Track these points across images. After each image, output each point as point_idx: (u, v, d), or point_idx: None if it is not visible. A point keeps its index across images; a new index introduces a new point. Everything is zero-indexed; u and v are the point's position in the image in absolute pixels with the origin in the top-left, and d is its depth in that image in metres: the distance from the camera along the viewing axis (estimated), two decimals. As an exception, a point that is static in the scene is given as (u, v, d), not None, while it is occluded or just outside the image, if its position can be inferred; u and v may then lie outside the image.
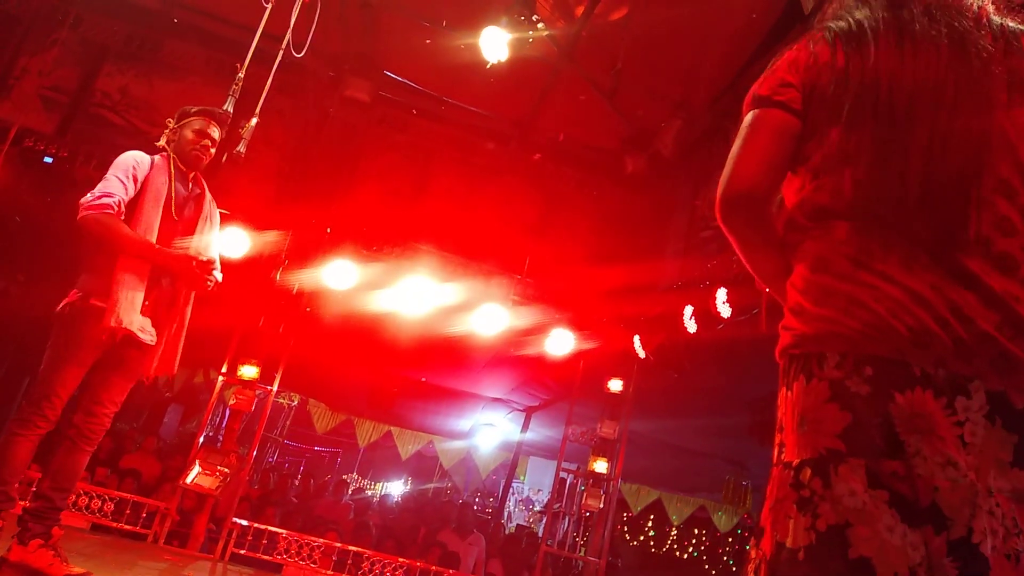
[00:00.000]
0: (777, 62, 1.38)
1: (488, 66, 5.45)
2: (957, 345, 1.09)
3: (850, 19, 1.33)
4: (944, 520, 1.03)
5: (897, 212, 1.17)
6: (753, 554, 1.17)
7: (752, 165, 1.31)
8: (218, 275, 3.18)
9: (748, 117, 1.35)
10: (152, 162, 3.10)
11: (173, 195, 3.09)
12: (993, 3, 1.32)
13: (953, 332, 1.09)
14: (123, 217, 2.97)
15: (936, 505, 1.03)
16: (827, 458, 1.10)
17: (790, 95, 1.31)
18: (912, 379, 1.08)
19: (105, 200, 2.91)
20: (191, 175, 3.22)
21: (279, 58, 3.74)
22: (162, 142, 3.21)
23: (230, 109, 3.31)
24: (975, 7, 1.29)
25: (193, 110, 3.24)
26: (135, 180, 3.01)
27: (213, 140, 3.22)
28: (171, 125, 3.23)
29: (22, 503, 3.03)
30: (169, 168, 3.13)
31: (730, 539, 14.80)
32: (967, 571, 1.01)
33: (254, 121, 3.40)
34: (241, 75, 3.39)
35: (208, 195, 3.29)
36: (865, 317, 1.13)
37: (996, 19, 1.29)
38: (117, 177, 2.98)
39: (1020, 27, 1.29)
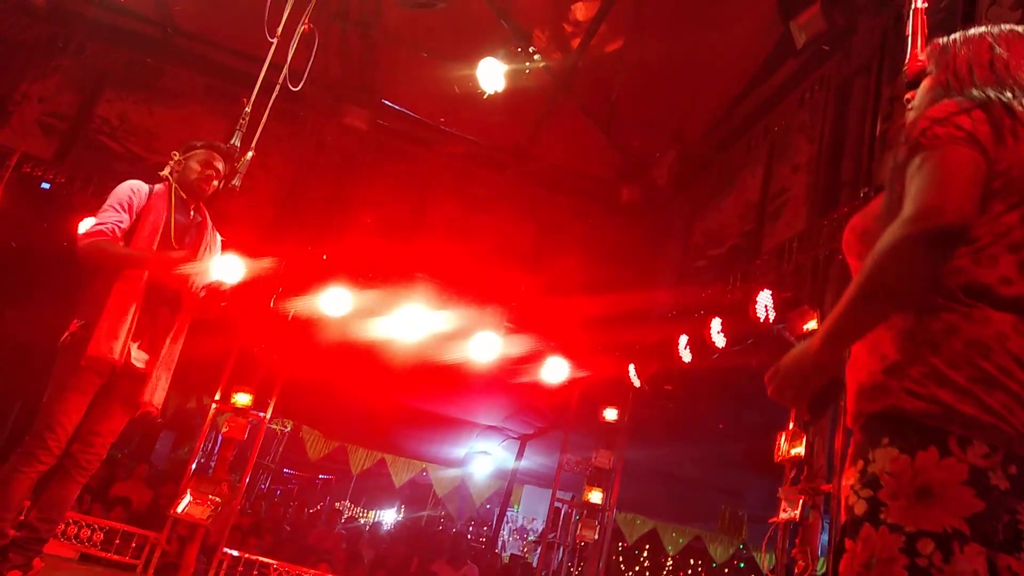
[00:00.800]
0: (963, 108, 1.30)
1: (485, 96, 5.51)
2: None
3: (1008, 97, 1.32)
4: None
5: None
6: None
7: (967, 196, 1.21)
8: (222, 277, 3.20)
9: (941, 151, 1.25)
10: (151, 191, 3.12)
11: (172, 224, 3.10)
12: None
13: None
14: (121, 243, 2.98)
15: None
16: (952, 536, 1.14)
17: (988, 143, 1.27)
18: None
19: (99, 228, 2.93)
20: (192, 204, 3.23)
21: (276, 92, 3.78)
22: (166, 172, 3.23)
23: (237, 143, 3.34)
24: None
25: (199, 144, 3.27)
26: (130, 209, 3.02)
27: (217, 172, 3.24)
28: (176, 157, 3.26)
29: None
30: (169, 197, 3.14)
31: (726, 570, 14.64)
32: None
33: (250, 155, 3.43)
34: (248, 109, 3.42)
35: (210, 224, 3.30)
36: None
37: None
38: (112, 207, 3.01)
39: None
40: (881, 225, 1.27)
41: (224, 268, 3.55)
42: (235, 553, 5.82)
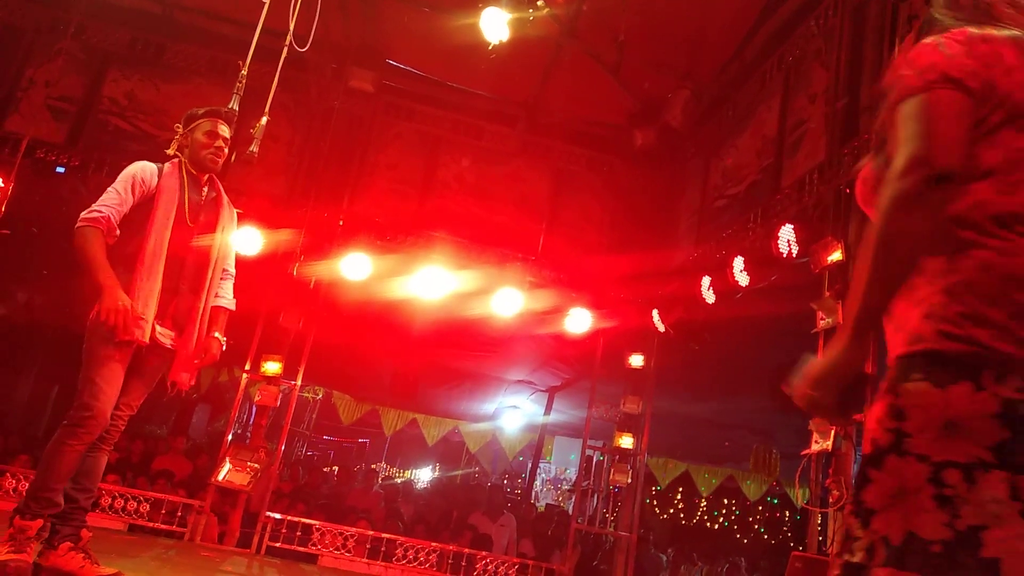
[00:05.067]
0: (944, 46, 1.30)
1: (490, 48, 5.41)
2: None
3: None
4: None
5: None
6: (860, 533, 1.23)
7: (951, 141, 1.23)
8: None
9: (922, 97, 1.27)
10: (160, 171, 3.08)
11: (187, 202, 3.08)
12: None
13: None
14: (119, 231, 2.98)
15: None
16: (977, 465, 1.16)
17: (974, 84, 1.26)
18: None
19: (95, 215, 2.91)
20: (205, 179, 3.20)
21: (284, 54, 3.73)
22: (173, 149, 3.18)
23: (235, 107, 3.29)
24: None
25: (200, 112, 3.22)
26: (133, 191, 2.99)
27: (225, 140, 3.19)
28: (180, 130, 3.21)
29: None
30: (181, 175, 3.11)
31: (760, 507, 14.81)
32: None
33: (264, 120, 3.40)
34: (244, 72, 3.38)
35: (225, 198, 3.27)
36: None
37: None
38: (116, 189, 2.99)
39: None
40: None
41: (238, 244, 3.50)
42: (277, 516, 5.98)
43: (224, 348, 3.21)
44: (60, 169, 6.10)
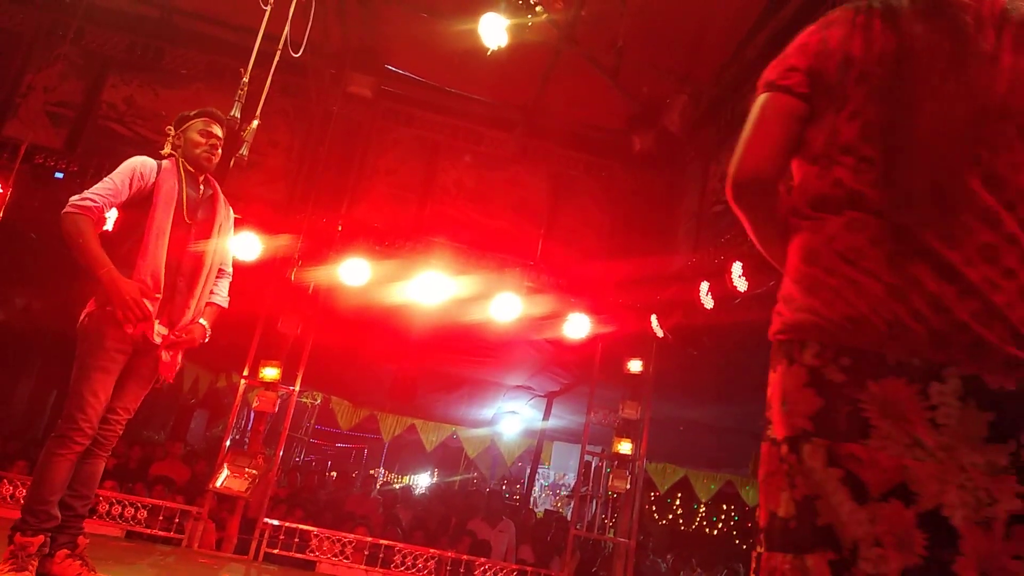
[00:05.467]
0: (789, 46, 1.42)
1: (488, 53, 5.41)
2: (932, 335, 1.17)
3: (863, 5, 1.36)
4: (911, 495, 1.13)
5: (889, 203, 1.23)
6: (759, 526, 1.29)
7: (760, 149, 1.36)
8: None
9: (757, 101, 1.40)
10: (159, 167, 3.08)
11: (185, 198, 3.07)
12: None
13: (928, 324, 1.17)
14: (107, 223, 2.96)
15: (904, 483, 1.13)
16: (800, 437, 1.21)
17: (796, 79, 1.36)
18: (887, 368, 1.17)
19: (87, 203, 2.87)
20: (201, 177, 3.20)
21: (276, 58, 3.73)
22: (167, 150, 3.19)
23: (237, 115, 3.29)
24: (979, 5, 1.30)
25: (192, 113, 3.22)
26: (130, 185, 2.97)
27: (218, 139, 3.19)
28: (172, 132, 3.22)
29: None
30: (179, 171, 3.10)
31: (764, 513, 14.75)
32: (937, 540, 1.11)
33: (255, 123, 3.39)
34: (246, 79, 3.38)
35: (222, 197, 3.27)
36: (846, 311, 1.21)
37: (1009, 9, 1.29)
38: (112, 179, 2.96)
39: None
40: None
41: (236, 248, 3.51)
42: (275, 523, 5.95)
43: (207, 338, 3.17)
44: (58, 175, 6.09)
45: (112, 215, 3.07)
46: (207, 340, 3.18)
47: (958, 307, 1.16)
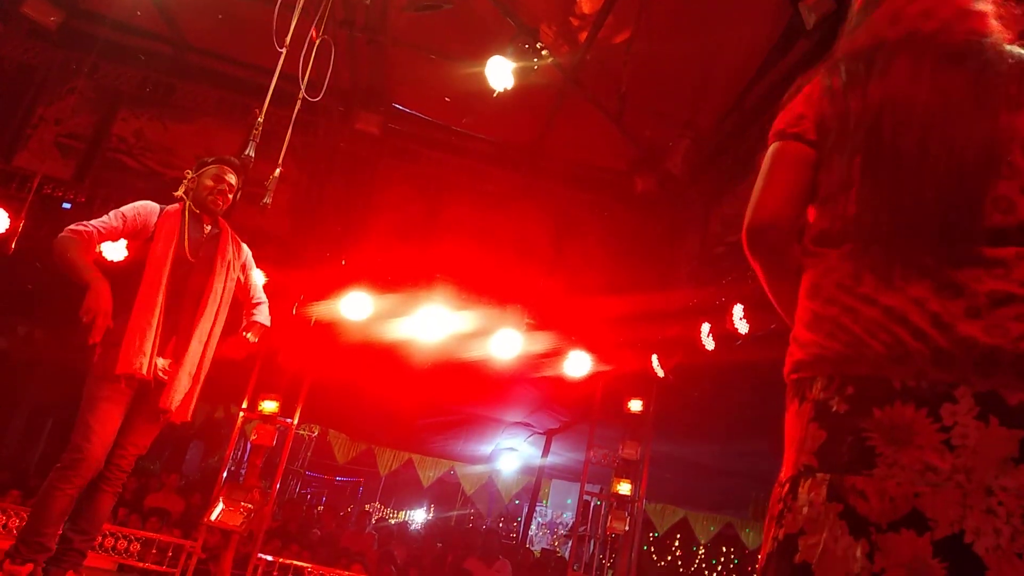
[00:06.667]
0: (789, 96, 1.47)
1: (495, 95, 5.51)
2: (936, 354, 1.12)
3: (857, 50, 1.41)
4: (926, 522, 1.06)
5: (889, 230, 1.22)
6: None
7: (775, 196, 1.38)
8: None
9: (769, 150, 1.43)
10: (163, 211, 3.18)
11: (187, 239, 3.15)
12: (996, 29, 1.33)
13: (931, 342, 1.13)
14: (104, 254, 3.04)
15: (917, 510, 1.07)
16: (802, 473, 1.19)
17: (804, 126, 1.39)
18: (893, 393, 1.13)
19: (79, 227, 2.96)
20: (208, 220, 3.29)
21: (298, 105, 3.79)
22: (180, 192, 3.28)
23: (252, 154, 3.37)
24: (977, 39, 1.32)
25: (210, 160, 3.33)
26: (126, 221, 3.07)
27: (230, 186, 3.30)
28: (189, 175, 3.31)
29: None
30: (183, 214, 3.20)
31: (759, 555, 14.56)
32: (958, 571, 1.03)
33: (278, 171, 3.47)
34: (260, 120, 3.45)
35: (230, 234, 3.34)
36: (845, 339, 1.20)
37: (1005, 48, 1.31)
38: (110, 214, 3.08)
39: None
40: None
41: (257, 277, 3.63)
42: (269, 558, 5.88)
43: (254, 342, 3.39)
44: (66, 205, 6.15)
45: (119, 249, 3.13)
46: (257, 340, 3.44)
47: (963, 322, 1.12)
